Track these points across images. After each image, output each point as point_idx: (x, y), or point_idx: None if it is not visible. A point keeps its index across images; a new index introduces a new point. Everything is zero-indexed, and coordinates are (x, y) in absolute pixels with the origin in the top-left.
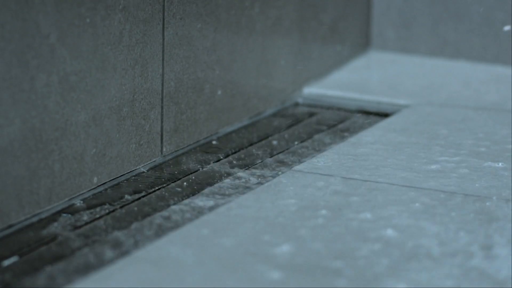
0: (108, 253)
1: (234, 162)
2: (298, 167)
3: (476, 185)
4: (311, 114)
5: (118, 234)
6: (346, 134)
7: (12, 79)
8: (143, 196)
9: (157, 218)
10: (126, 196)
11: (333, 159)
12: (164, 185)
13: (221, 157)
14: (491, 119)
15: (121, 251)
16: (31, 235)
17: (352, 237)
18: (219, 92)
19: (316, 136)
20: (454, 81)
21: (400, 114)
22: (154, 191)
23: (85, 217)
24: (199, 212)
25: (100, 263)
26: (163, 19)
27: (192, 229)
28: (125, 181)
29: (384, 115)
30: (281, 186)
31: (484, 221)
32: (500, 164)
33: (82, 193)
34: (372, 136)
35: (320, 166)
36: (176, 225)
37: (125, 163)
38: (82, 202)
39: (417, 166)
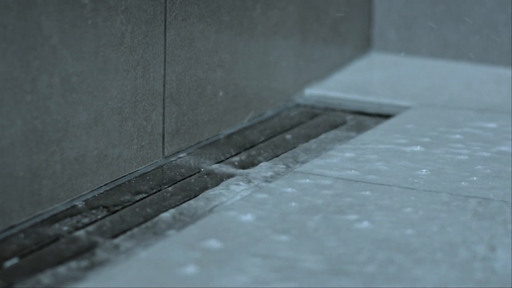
0: (110, 254)
1: (236, 163)
2: (299, 168)
3: (478, 186)
4: (312, 116)
5: (120, 236)
6: (347, 135)
7: (14, 80)
8: (145, 198)
9: (159, 219)
10: (128, 198)
11: (334, 160)
12: (165, 186)
13: (223, 158)
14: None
15: (123, 252)
16: (32, 236)
17: (353, 239)
18: (221, 93)
19: (318, 138)
20: (455, 82)
21: (402, 116)
22: (156, 192)
23: (87, 218)
24: (200, 213)
25: (102, 265)
26: (165, 20)
27: (194, 231)
28: (126, 182)
29: (386, 116)
30: (282, 187)
31: (485, 222)
32: (500, 165)
33: (84, 194)
34: (374, 137)
35: (321, 167)
36: (178, 227)
37: (126, 164)
38: (83, 203)
39: (419, 168)
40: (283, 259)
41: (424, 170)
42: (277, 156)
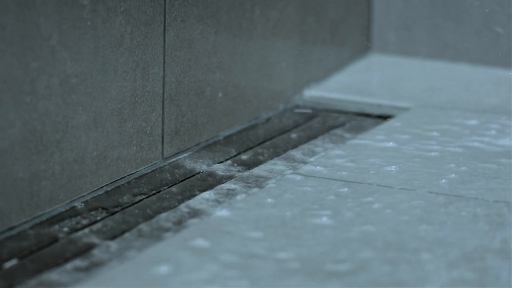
0: (109, 256)
1: (235, 164)
2: (298, 170)
3: (477, 187)
4: (311, 117)
5: (119, 237)
6: (346, 136)
7: (12, 81)
8: (144, 199)
9: (158, 220)
10: (127, 199)
11: (333, 161)
12: (165, 187)
13: (222, 160)
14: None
15: (122, 254)
16: (31, 237)
17: (353, 240)
18: (220, 95)
19: (317, 139)
20: (454, 84)
21: (400, 117)
22: (155, 193)
23: (86, 219)
24: (201, 214)
25: (101, 266)
26: (164, 22)
27: (194, 232)
28: (126, 184)
29: (385, 117)
30: (281, 188)
31: (485, 222)
32: (500, 166)
33: (83, 196)
34: (372, 138)
35: (320, 168)
36: (177, 228)
37: (126, 166)
38: (82, 204)
39: (418, 169)
40: (280, 260)
41: (423, 171)
42: (276, 157)
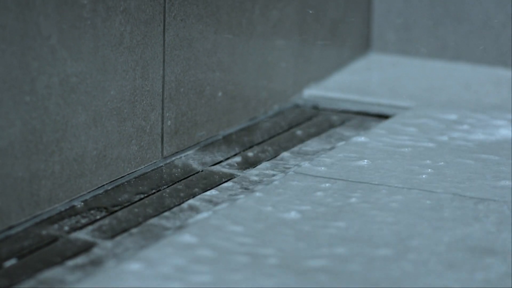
0: (109, 255)
1: (235, 164)
2: (298, 169)
3: (476, 187)
4: (311, 116)
5: (119, 236)
6: (346, 136)
7: (12, 80)
8: (144, 198)
9: (158, 220)
10: (127, 198)
11: (333, 161)
12: (164, 186)
13: (222, 159)
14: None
15: (122, 253)
16: (31, 236)
17: (352, 239)
18: (220, 94)
19: (316, 138)
20: (454, 83)
21: (400, 116)
22: (155, 192)
23: (86, 219)
24: (200, 214)
25: (101, 265)
26: (164, 21)
27: (193, 231)
28: (125, 183)
29: (385, 117)
30: (281, 188)
31: (483, 222)
32: (501, 167)
33: (83, 195)
34: (372, 138)
35: (320, 168)
36: (177, 227)
37: (125, 165)
38: (82, 203)
39: (417, 169)
40: (277, 261)
41: (423, 171)
42: (276, 157)
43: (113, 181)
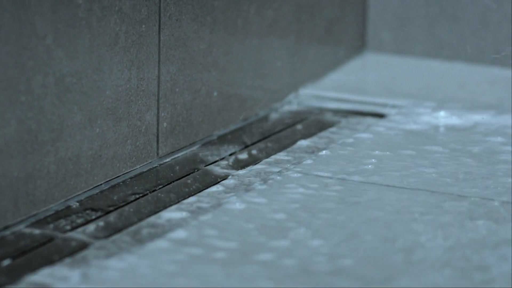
0: (105, 255)
1: (230, 163)
2: (294, 168)
3: (474, 186)
4: (306, 116)
5: (114, 236)
6: (342, 135)
7: (8, 80)
8: (139, 198)
9: (154, 219)
10: (122, 198)
11: (329, 160)
12: (160, 186)
13: (217, 159)
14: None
15: (117, 252)
16: (26, 236)
17: (349, 238)
18: (215, 94)
19: (312, 138)
20: (450, 83)
21: (396, 116)
22: (150, 192)
23: (81, 218)
24: (197, 213)
25: (97, 265)
26: (159, 21)
27: (191, 230)
28: (121, 183)
29: (380, 116)
30: (277, 187)
31: (481, 221)
32: (499, 166)
33: (78, 195)
34: (368, 137)
35: (316, 167)
36: (173, 227)
37: (121, 165)
38: (78, 203)
39: (414, 168)
40: (276, 259)
41: (420, 170)
42: (271, 156)
43: (108, 181)
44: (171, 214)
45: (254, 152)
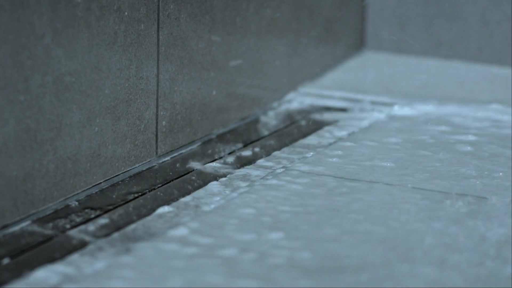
0: (104, 254)
1: (229, 162)
2: (293, 166)
3: (472, 185)
4: (305, 114)
5: (114, 235)
6: (341, 134)
7: (7, 79)
8: (138, 197)
9: (152, 218)
10: (121, 197)
11: (327, 159)
12: (159, 185)
13: (216, 157)
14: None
15: (117, 251)
16: (25, 235)
17: (345, 236)
18: (214, 93)
19: (311, 136)
20: (448, 81)
21: (395, 114)
22: (149, 191)
23: (80, 217)
24: (195, 212)
25: (96, 264)
26: (158, 20)
27: (188, 230)
28: (120, 182)
29: (378, 114)
30: (275, 186)
31: (479, 220)
32: (496, 165)
33: (77, 194)
34: (367, 135)
35: (314, 166)
36: (171, 226)
37: (120, 164)
38: (76, 202)
39: (413, 166)
40: (276, 258)
41: (418, 168)
42: (270, 155)
43: (107, 179)
44: (170, 213)
45: (253, 150)
